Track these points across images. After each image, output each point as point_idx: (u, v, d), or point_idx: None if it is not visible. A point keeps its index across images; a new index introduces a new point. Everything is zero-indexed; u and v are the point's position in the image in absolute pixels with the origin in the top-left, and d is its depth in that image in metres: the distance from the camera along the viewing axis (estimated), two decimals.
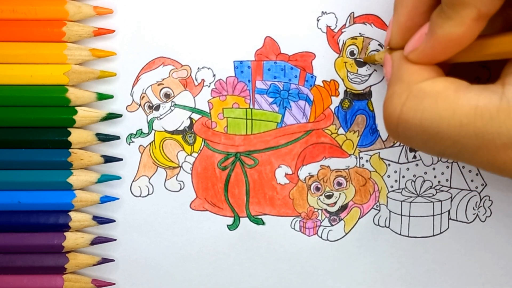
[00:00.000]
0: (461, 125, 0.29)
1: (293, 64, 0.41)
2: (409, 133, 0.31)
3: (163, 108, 0.41)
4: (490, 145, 0.29)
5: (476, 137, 0.29)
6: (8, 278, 0.40)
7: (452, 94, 0.30)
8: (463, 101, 0.29)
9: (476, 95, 0.29)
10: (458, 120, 0.29)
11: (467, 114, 0.29)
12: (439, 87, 0.30)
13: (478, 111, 0.29)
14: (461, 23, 0.29)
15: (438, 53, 0.31)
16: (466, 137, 0.29)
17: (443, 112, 0.30)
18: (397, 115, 0.31)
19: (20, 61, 0.39)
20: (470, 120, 0.29)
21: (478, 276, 0.42)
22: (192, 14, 0.40)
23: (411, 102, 0.31)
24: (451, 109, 0.29)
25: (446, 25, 0.30)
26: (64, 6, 0.39)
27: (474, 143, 0.29)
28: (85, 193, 0.40)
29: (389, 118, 0.32)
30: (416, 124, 0.30)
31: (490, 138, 0.29)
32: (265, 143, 0.41)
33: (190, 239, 0.41)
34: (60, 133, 0.39)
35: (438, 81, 0.31)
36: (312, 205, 0.41)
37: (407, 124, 0.31)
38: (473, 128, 0.29)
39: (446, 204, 0.42)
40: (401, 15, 0.33)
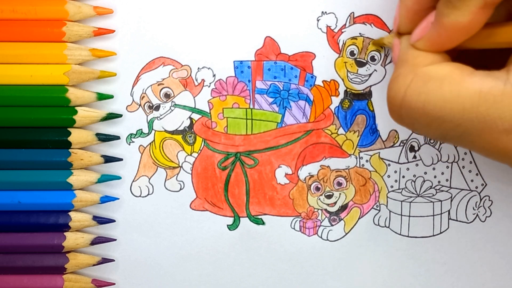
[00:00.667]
0: (464, 109, 0.29)
1: (293, 64, 0.41)
2: (412, 115, 0.31)
3: (163, 108, 0.41)
4: (492, 129, 0.29)
5: (479, 121, 0.29)
6: (8, 278, 0.40)
7: (457, 78, 0.30)
8: (467, 85, 0.30)
9: (480, 80, 0.29)
10: (461, 103, 0.29)
11: (471, 98, 0.29)
12: (444, 71, 0.31)
13: (482, 95, 0.29)
14: (467, 12, 0.30)
15: (445, 41, 0.31)
16: (469, 120, 0.29)
17: (447, 95, 0.30)
18: (401, 96, 0.31)
19: (20, 61, 0.39)
20: (474, 104, 0.29)
21: (478, 276, 0.42)
22: (192, 14, 0.40)
23: (416, 84, 0.31)
24: (455, 93, 0.30)
25: (452, 14, 0.30)
26: (64, 6, 0.39)
27: (476, 126, 0.29)
28: (85, 193, 0.40)
29: (393, 99, 0.32)
30: (420, 106, 0.31)
31: (493, 122, 0.29)
32: (265, 143, 0.41)
33: (190, 239, 0.41)
34: (60, 133, 0.39)
35: (443, 65, 0.31)
36: (312, 205, 0.41)
37: (411, 106, 0.31)
38: (476, 112, 0.29)
39: (446, 204, 0.42)
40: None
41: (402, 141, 0.41)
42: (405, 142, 0.41)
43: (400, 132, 0.41)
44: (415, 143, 0.41)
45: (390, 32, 0.40)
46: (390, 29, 0.40)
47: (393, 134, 0.41)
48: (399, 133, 0.41)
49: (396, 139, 0.41)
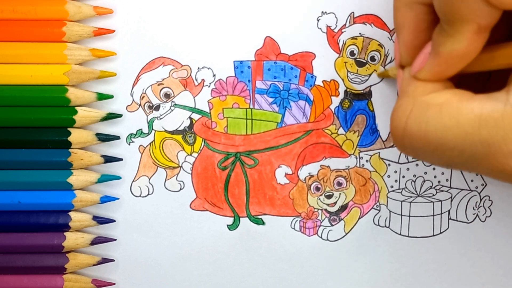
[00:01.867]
0: (466, 134, 0.29)
1: (293, 64, 0.41)
2: (415, 144, 0.31)
3: (163, 108, 0.41)
4: (497, 152, 0.29)
5: (482, 145, 0.29)
6: (8, 278, 0.40)
7: (456, 103, 0.30)
8: (467, 110, 0.29)
9: (480, 104, 0.29)
10: (462, 129, 0.29)
11: (472, 123, 0.29)
12: (442, 99, 0.30)
13: (483, 119, 0.29)
14: (462, 39, 0.29)
15: (444, 70, 0.31)
16: (473, 145, 0.29)
17: (447, 122, 0.30)
18: (403, 127, 0.31)
19: (20, 61, 0.39)
20: (475, 129, 0.29)
21: (478, 276, 0.42)
22: (192, 14, 0.40)
23: (415, 113, 0.31)
24: (455, 119, 0.29)
25: (448, 43, 0.30)
26: (64, 6, 0.39)
27: (481, 151, 0.29)
28: (85, 193, 0.40)
29: (395, 131, 0.32)
30: (421, 135, 0.30)
31: (497, 145, 0.28)
32: (265, 143, 0.41)
33: (190, 239, 0.41)
34: (60, 133, 0.39)
35: (442, 93, 0.31)
36: (312, 205, 0.41)
37: (413, 136, 0.31)
38: (478, 136, 0.29)
39: (446, 204, 0.42)
40: (405, 35, 0.33)
41: None
42: None
43: None
44: None
45: (390, 32, 0.40)
46: (390, 29, 0.40)
47: None
48: None
49: None
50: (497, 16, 0.28)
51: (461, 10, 0.28)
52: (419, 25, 0.33)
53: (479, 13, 0.28)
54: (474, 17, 0.28)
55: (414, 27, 0.33)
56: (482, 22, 0.28)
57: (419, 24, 0.33)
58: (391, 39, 0.40)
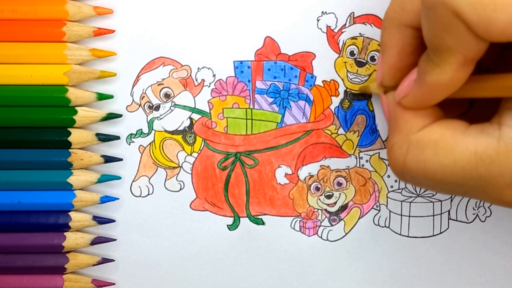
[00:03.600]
0: (464, 171, 0.30)
1: (293, 64, 0.41)
2: (416, 180, 0.32)
3: (163, 108, 0.41)
4: (495, 185, 0.30)
5: (480, 180, 0.30)
6: (8, 278, 0.40)
7: (450, 141, 0.31)
8: (462, 147, 0.30)
9: (474, 140, 0.30)
10: (460, 167, 0.30)
11: (468, 161, 0.30)
12: (436, 136, 0.31)
13: (478, 157, 0.30)
14: (448, 70, 0.29)
15: (429, 98, 0.32)
16: (471, 180, 0.30)
17: (444, 161, 0.30)
18: (401, 165, 0.32)
19: (20, 61, 0.39)
20: (472, 166, 0.30)
21: (478, 276, 0.42)
22: (192, 14, 0.40)
23: (412, 153, 0.32)
24: (452, 158, 0.30)
25: (434, 72, 0.30)
26: (64, 6, 0.39)
27: (479, 185, 0.30)
28: (85, 193, 0.40)
29: (394, 167, 0.33)
30: (421, 173, 0.31)
31: (495, 180, 0.29)
32: (265, 143, 0.41)
33: (190, 239, 0.41)
34: (60, 133, 0.39)
35: (434, 128, 0.32)
36: (312, 205, 0.41)
37: (412, 173, 0.32)
38: (476, 172, 0.30)
39: (446, 204, 0.42)
40: (389, 56, 0.34)
41: None
42: None
43: None
44: None
45: None
46: None
47: None
48: None
49: None
50: (484, 48, 0.28)
51: (448, 41, 0.28)
52: (405, 48, 0.33)
53: (466, 45, 0.28)
54: (460, 49, 0.28)
55: (400, 49, 0.33)
56: (468, 54, 0.29)
57: (405, 47, 0.33)
58: None
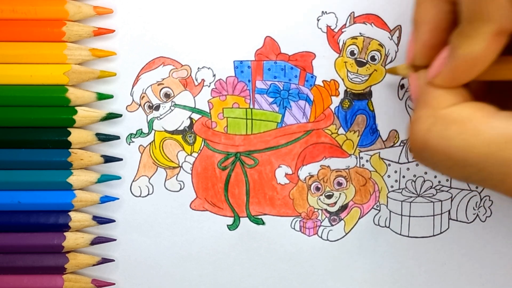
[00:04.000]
0: (488, 153, 0.29)
1: (293, 64, 0.41)
2: (434, 158, 0.31)
3: (163, 108, 0.41)
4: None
5: (503, 166, 0.29)
6: (8, 278, 0.40)
7: (479, 121, 0.29)
8: (491, 128, 0.29)
9: (504, 123, 0.29)
10: (485, 148, 0.29)
11: (495, 142, 0.29)
12: (465, 114, 0.30)
13: (508, 139, 0.29)
14: (480, 41, 0.29)
15: (462, 74, 0.31)
16: (493, 165, 0.29)
17: (470, 140, 0.29)
18: (423, 140, 0.31)
19: (20, 61, 0.39)
20: (498, 148, 0.29)
21: (478, 276, 0.42)
22: (192, 14, 0.40)
23: (437, 128, 0.30)
24: (478, 137, 0.29)
25: (466, 44, 0.29)
26: (64, 6, 0.39)
27: (501, 171, 0.29)
28: (85, 193, 0.40)
29: (414, 143, 0.31)
30: (443, 150, 0.30)
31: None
32: (265, 143, 0.41)
33: (190, 239, 0.41)
34: (60, 133, 0.39)
35: (464, 107, 0.30)
36: (312, 205, 0.41)
37: (433, 150, 0.30)
38: (501, 156, 0.29)
39: (446, 204, 0.42)
40: (422, 33, 0.33)
41: (402, 141, 0.41)
42: (405, 142, 0.41)
43: (400, 132, 0.41)
44: None
45: (390, 31, 0.40)
46: (391, 28, 0.40)
47: (393, 134, 0.41)
48: (399, 133, 0.41)
49: (396, 139, 0.41)
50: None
51: (488, 7, 0.28)
52: (440, 23, 0.32)
53: (503, 13, 0.28)
54: (495, 17, 0.28)
55: (434, 25, 0.32)
56: (503, 23, 0.28)
57: (440, 23, 0.32)
58: (391, 38, 0.40)
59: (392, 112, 0.41)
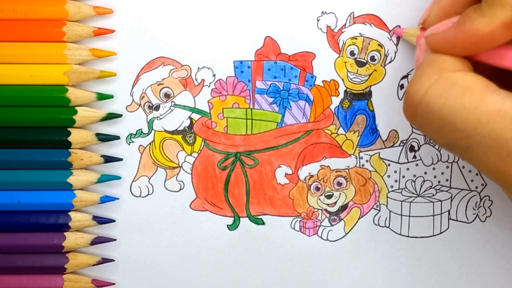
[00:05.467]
0: (479, 122, 0.29)
1: (293, 64, 0.41)
2: (426, 115, 0.31)
3: (163, 108, 0.41)
4: (501, 148, 0.29)
5: (490, 138, 0.29)
6: (8, 278, 0.40)
7: (480, 90, 0.30)
8: (488, 100, 0.30)
9: (502, 99, 0.30)
10: (478, 116, 0.30)
11: (489, 113, 0.29)
12: (469, 81, 0.31)
13: (500, 114, 0.29)
14: (491, 23, 0.30)
15: (458, 44, 0.31)
16: (481, 134, 0.30)
17: (466, 104, 0.30)
18: (421, 95, 0.31)
19: (20, 61, 0.39)
20: (490, 120, 0.29)
21: (478, 276, 0.42)
22: (192, 14, 0.40)
23: (439, 86, 0.31)
24: (474, 104, 0.30)
25: (477, 21, 0.30)
26: (64, 6, 0.39)
27: (486, 142, 0.29)
28: (85, 193, 0.40)
29: (412, 96, 0.32)
30: (437, 108, 0.31)
31: (504, 142, 0.29)
32: (265, 143, 0.41)
33: (190, 239, 0.41)
34: (60, 133, 0.39)
35: (469, 75, 0.31)
36: (312, 205, 0.41)
37: (428, 106, 0.31)
38: (490, 128, 0.29)
39: (446, 204, 0.42)
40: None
41: (402, 141, 0.41)
42: (405, 142, 0.41)
43: (400, 132, 0.41)
44: (415, 143, 0.41)
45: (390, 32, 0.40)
46: (390, 28, 0.40)
47: (393, 134, 0.41)
48: (399, 133, 0.41)
49: (396, 139, 0.41)
50: None
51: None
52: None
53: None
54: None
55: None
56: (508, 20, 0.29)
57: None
58: (390, 39, 0.40)
59: (392, 112, 0.41)
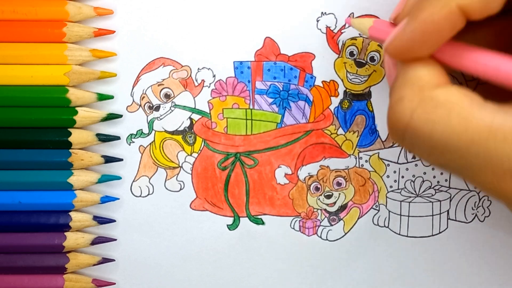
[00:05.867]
0: (472, 142, 0.28)
1: (292, 64, 0.41)
2: (416, 141, 0.30)
3: (163, 109, 0.41)
4: (497, 167, 0.28)
5: (484, 157, 0.28)
6: (8, 278, 0.40)
7: (467, 108, 0.29)
8: (477, 117, 0.28)
9: (491, 114, 0.28)
10: (470, 136, 0.28)
11: (480, 132, 0.28)
12: (453, 99, 0.29)
13: (492, 131, 0.28)
14: (444, 9, 0.29)
15: (417, 39, 0.30)
16: (474, 154, 0.28)
17: (455, 126, 0.29)
18: (406, 121, 0.30)
19: (21, 61, 0.39)
20: (482, 138, 0.28)
21: (477, 276, 0.42)
22: (192, 14, 0.40)
23: (423, 109, 0.29)
24: (464, 124, 0.28)
25: (429, 8, 0.29)
26: (65, 7, 0.39)
27: (481, 162, 0.28)
28: (86, 193, 0.40)
29: (396, 123, 0.30)
30: (426, 133, 0.29)
31: (499, 160, 0.28)
32: (265, 143, 0.41)
33: (190, 239, 0.42)
34: (61, 133, 0.39)
35: (452, 90, 0.30)
36: (311, 205, 0.42)
37: (416, 132, 0.29)
38: (484, 147, 0.28)
39: (445, 204, 0.42)
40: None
41: None
42: None
43: None
44: None
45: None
46: None
47: None
48: None
49: None
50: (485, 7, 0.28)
51: None
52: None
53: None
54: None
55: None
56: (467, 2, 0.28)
57: None
58: None
59: None
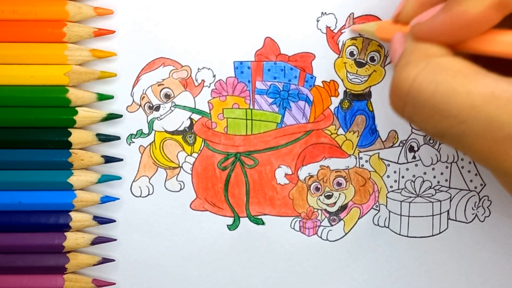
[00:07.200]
0: (473, 106, 0.28)
1: (293, 64, 0.41)
2: (417, 104, 0.30)
3: (163, 109, 0.41)
4: (496, 132, 0.28)
5: (485, 121, 0.28)
6: (8, 278, 0.40)
7: (471, 74, 0.29)
8: (481, 83, 0.29)
9: (494, 81, 0.29)
10: (471, 99, 0.28)
11: (482, 96, 0.28)
12: (458, 66, 0.30)
13: (494, 96, 0.28)
14: (481, 3, 0.29)
15: (446, 30, 0.30)
16: (475, 118, 0.28)
17: (458, 88, 0.29)
18: (410, 82, 0.30)
19: (21, 61, 0.39)
20: (484, 103, 0.28)
21: (477, 276, 0.42)
22: (192, 15, 0.40)
23: (428, 71, 0.30)
24: (467, 88, 0.29)
25: (466, 2, 0.29)
26: (65, 7, 0.39)
27: (480, 127, 0.28)
28: (86, 193, 0.40)
29: (400, 85, 0.30)
30: (428, 95, 0.29)
31: (499, 125, 0.28)
32: (265, 144, 0.41)
33: (190, 239, 0.42)
34: (61, 133, 0.39)
35: (457, 60, 0.30)
36: (311, 205, 0.42)
37: (419, 93, 0.30)
38: (484, 111, 0.28)
39: (445, 204, 0.42)
40: None
41: (402, 142, 0.41)
42: (404, 143, 0.41)
43: (399, 132, 0.41)
44: (415, 144, 0.41)
45: None
46: None
47: (392, 134, 0.41)
48: (399, 134, 0.41)
49: (396, 139, 0.41)
50: None
51: None
52: None
53: None
54: None
55: None
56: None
57: None
58: None
59: (391, 112, 0.41)
